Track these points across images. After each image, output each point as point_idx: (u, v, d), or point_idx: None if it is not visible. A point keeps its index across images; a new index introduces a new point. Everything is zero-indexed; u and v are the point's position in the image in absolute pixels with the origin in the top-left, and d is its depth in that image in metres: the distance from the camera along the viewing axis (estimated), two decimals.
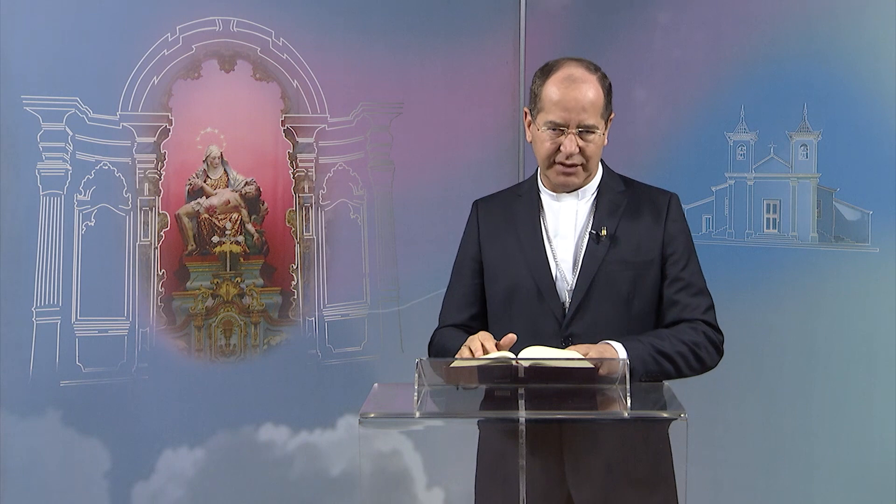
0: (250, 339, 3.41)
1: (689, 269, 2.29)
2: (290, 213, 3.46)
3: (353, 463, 3.46)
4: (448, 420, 2.19)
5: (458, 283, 2.40)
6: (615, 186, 2.33)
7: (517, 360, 2.03)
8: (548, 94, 2.23)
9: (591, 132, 2.22)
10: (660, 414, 1.98)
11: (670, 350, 2.18)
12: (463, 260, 2.40)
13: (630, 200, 2.31)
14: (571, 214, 2.30)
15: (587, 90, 2.21)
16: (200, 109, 3.31)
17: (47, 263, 3.10)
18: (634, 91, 3.61)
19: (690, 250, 2.31)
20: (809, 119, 3.26)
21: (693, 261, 2.30)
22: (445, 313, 2.40)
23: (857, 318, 3.17)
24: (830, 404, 3.22)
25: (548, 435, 2.14)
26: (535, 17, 3.73)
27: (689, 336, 2.23)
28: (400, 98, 3.59)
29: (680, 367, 2.19)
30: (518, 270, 2.28)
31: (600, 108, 2.23)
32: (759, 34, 3.34)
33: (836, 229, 3.22)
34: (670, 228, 2.29)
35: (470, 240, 2.39)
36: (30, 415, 3.08)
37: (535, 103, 2.27)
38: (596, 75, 2.25)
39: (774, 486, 3.32)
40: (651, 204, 2.31)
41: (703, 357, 2.23)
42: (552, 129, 2.22)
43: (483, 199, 2.43)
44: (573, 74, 2.23)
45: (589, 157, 2.24)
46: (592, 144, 2.23)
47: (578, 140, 2.22)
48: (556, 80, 2.23)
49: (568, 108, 2.20)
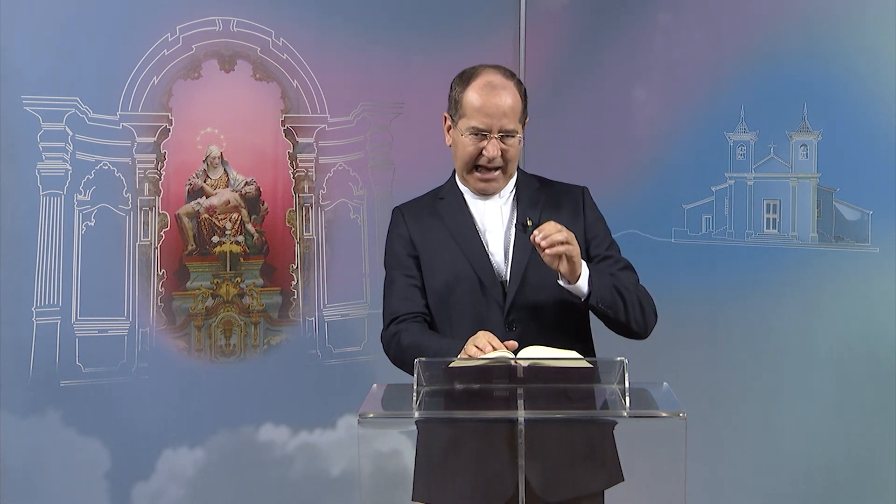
0: (250, 339, 3.41)
1: (613, 248, 2.41)
2: (290, 213, 3.46)
3: (353, 463, 3.46)
4: (448, 420, 2.19)
5: (401, 278, 2.40)
6: (531, 184, 2.43)
7: (516, 359, 2.04)
8: (469, 100, 2.31)
9: (512, 136, 2.31)
10: (659, 414, 1.97)
11: (625, 292, 2.28)
12: (398, 258, 2.42)
13: (547, 196, 2.41)
14: (496, 210, 2.38)
15: (507, 96, 2.30)
16: (200, 109, 3.31)
17: (47, 263, 3.10)
18: (634, 91, 3.61)
19: (609, 233, 2.43)
20: (809, 119, 3.26)
21: (614, 243, 2.42)
22: (396, 306, 2.38)
23: (857, 318, 3.17)
24: (830, 404, 3.22)
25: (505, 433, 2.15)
26: (535, 17, 3.73)
27: (639, 291, 2.33)
28: (400, 98, 3.59)
29: (629, 311, 2.27)
30: (457, 263, 2.34)
31: (518, 113, 2.32)
32: (759, 34, 3.34)
33: (836, 229, 3.22)
34: (589, 216, 2.41)
35: (401, 241, 2.42)
36: (30, 415, 3.08)
37: (457, 109, 2.35)
38: (513, 81, 2.35)
39: (774, 486, 3.32)
40: (567, 197, 2.42)
41: (647, 314, 2.32)
42: (475, 134, 2.31)
43: (405, 205, 2.49)
44: (493, 81, 2.32)
45: (509, 161, 2.34)
46: (513, 148, 2.33)
47: (500, 144, 2.31)
48: (477, 87, 2.32)
49: (489, 114, 2.29)
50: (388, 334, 2.36)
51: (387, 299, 2.41)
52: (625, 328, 2.30)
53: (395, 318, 2.36)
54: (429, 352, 2.20)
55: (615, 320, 2.26)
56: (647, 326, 2.33)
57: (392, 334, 2.34)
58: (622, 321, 2.27)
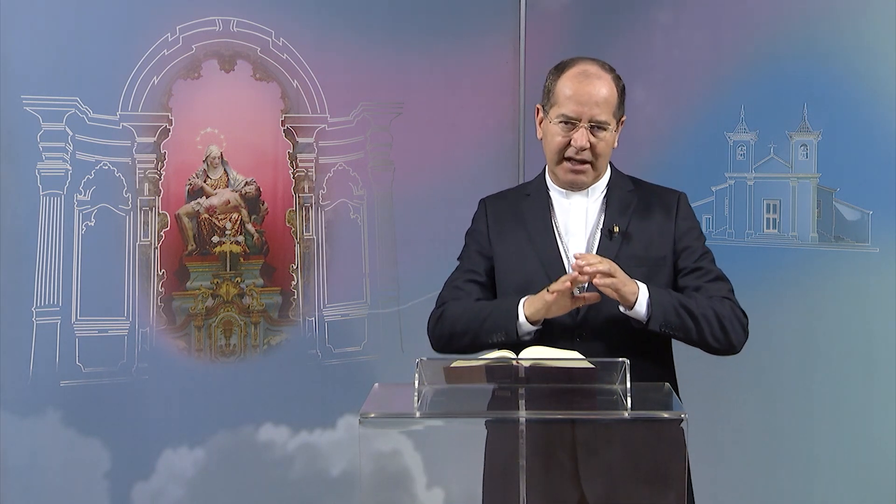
0: (250, 339, 3.41)
1: (705, 259, 2.29)
2: (290, 213, 3.46)
3: (353, 463, 3.46)
4: (448, 420, 2.19)
5: (464, 273, 2.34)
6: (624, 185, 2.33)
7: (518, 360, 2.03)
8: (561, 88, 2.24)
9: (603, 129, 2.23)
10: (660, 414, 1.97)
11: (696, 309, 2.16)
12: (469, 254, 2.36)
13: (640, 199, 2.31)
14: (582, 211, 2.29)
15: (601, 86, 2.23)
16: (200, 109, 3.31)
17: (47, 263, 3.10)
18: (634, 91, 3.59)
19: (703, 244, 2.32)
20: (809, 119, 3.26)
21: (708, 253, 2.31)
22: (446, 296, 2.32)
23: (857, 318, 3.17)
24: (830, 404, 3.22)
25: (559, 434, 2.12)
26: (535, 17, 3.73)
27: (717, 306, 2.20)
28: (400, 98, 3.59)
29: (703, 329, 2.17)
30: (531, 266, 2.26)
31: (613, 106, 2.24)
32: (759, 34, 3.34)
33: (836, 229, 3.22)
34: (681, 225, 2.30)
35: (479, 235, 2.36)
36: (30, 415, 3.08)
37: (549, 98, 2.27)
38: (611, 74, 2.28)
39: (774, 486, 3.32)
40: (661, 202, 2.32)
41: (727, 329, 2.19)
42: (564, 122, 2.23)
43: (491, 197, 2.42)
44: (588, 70, 2.24)
45: (598, 155, 2.25)
46: (603, 142, 2.24)
47: (589, 135, 2.22)
48: (571, 76, 2.24)
49: (581, 101, 2.21)
50: (434, 316, 2.30)
51: (444, 287, 2.34)
52: (705, 347, 2.21)
53: (442, 304, 2.31)
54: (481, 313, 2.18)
55: (689, 341, 2.18)
56: (730, 343, 2.21)
57: (437, 316, 2.29)
58: (696, 341, 2.18)
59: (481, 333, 2.21)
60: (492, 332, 2.19)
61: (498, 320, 2.19)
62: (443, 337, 2.27)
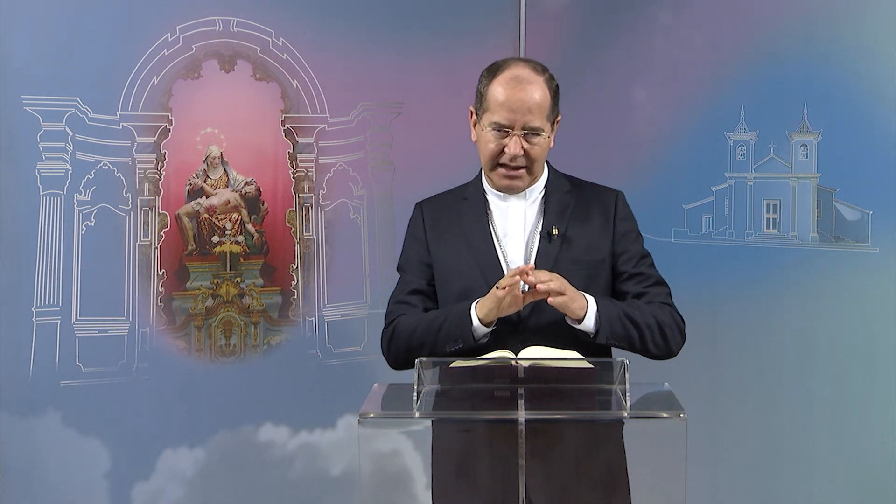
0: (250, 339, 3.41)
1: (644, 263, 2.29)
2: (290, 213, 3.46)
3: (353, 463, 3.46)
4: (448, 420, 2.19)
5: (407, 284, 2.31)
6: (562, 186, 2.31)
7: (517, 360, 2.03)
8: (493, 94, 2.20)
9: (537, 134, 2.20)
10: (659, 414, 1.97)
11: (640, 319, 2.17)
12: (410, 263, 2.34)
13: (578, 200, 2.29)
14: (520, 215, 2.27)
15: (533, 91, 2.18)
16: (200, 109, 3.31)
17: (47, 263, 3.10)
18: (634, 91, 3.61)
19: (641, 245, 2.32)
20: (809, 119, 3.26)
21: (647, 255, 2.31)
22: (393, 310, 2.30)
23: (857, 318, 3.17)
24: (830, 404, 3.22)
25: (508, 435, 2.10)
26: (535, 17, 3.73)
27: (658, 313, 2.21)
28: (400, 98, 3.59)
29: (646, 338, 2.18)
30: (470, 272, 2.24)
31: (546, 110, 2.20)
32: (759, 34, 3.34)
33: (836, 229, 3.22)
34: (619, 227, 2.29)
35: (417, 244, 2.34)
36: (30, 415, 3.08)
37: (481, 103, 2.24)
38: (543, 76, 2.22)
39: (774, 486, 3.32)
40: (599, 203, 2.30)
41: (667, 336, 2.21)
42: (497, 129, 2.19)
43: (427, 201, 2.39)
44: (519, 75, 2.20)
45: (533, 160, 2.22)
46: (537, 147, 2.21)
47: (523, 142, 2.19)
48: (502, 81, 2.20)
49: (513, 108, 2.17)
50: (386, 335, 2.29)
51: (389, 303, 2.33)
52: (645, 354, 2.21)
53: (392, 321, 2.29)
54: (434, 323, 2.17)
55: (632, 349, 2.18)
56: (669, 349, 2.23)
57: (389, 334, 2.27)
58: (638, 349, 2.19)
59: (438, 343, 2.18)
60: (447, 341, 2.17)
61: (452, 329, 2.17)
62: (399, 354, 2.24)
